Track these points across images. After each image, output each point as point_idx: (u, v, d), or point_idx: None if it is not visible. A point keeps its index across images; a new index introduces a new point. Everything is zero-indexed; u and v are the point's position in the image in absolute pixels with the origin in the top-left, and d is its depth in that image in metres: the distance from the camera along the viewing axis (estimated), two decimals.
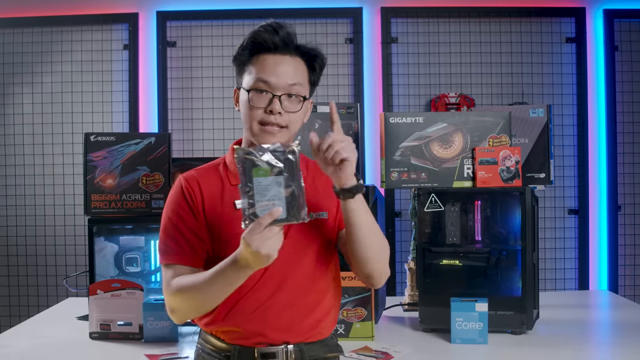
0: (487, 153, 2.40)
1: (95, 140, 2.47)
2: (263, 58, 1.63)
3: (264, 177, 1.38)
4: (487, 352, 2.18)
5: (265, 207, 1.38)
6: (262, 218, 1.37)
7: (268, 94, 1.61)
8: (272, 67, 1.62)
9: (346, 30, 4.20)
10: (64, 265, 4.17)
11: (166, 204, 1.68)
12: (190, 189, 1.64)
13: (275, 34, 1.62)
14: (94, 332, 2.31)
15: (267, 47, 1.62)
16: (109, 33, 4.23)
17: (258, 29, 1.63)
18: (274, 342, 1.62)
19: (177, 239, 1.62)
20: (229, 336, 1.64)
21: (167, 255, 1.63)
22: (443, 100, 4.10)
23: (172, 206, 1.66)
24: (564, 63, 4.21)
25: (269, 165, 1.39)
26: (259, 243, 1.37)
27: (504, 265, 2.40)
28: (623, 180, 4.20)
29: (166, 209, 1.67)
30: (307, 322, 1.65)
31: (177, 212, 1.64)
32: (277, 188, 1.38)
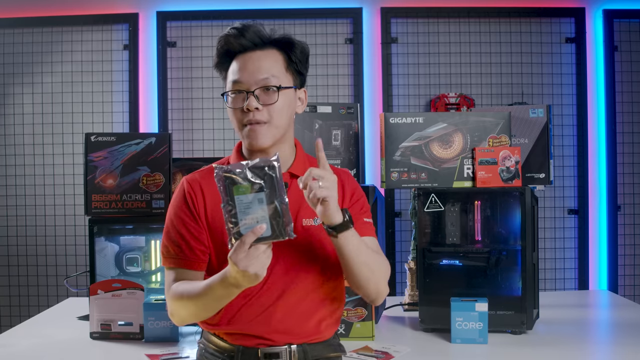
0: (487, 153, 2.40)
1: (96, 140, 2.47)
2: (236, 59, 1.64)
3: (244, 195, 1.36)
4: (487, 352, 2.18)
5: (248, 226, 1.35)
6: (246, 236, 1.35)
7: (242, 93, 1.61)
8: (243, 65, 1.61)
9: (346, 31, 4.21)
10: (64, 265, 4.17)
11: (169, 206, 1.69)
12: (192, 193, 1.64)
13: (242, 37, 1.61)
14: (95, 332, 2.31)
15: (237, 50, 1.62)
16: (109, 33, 4.23)
17: (225, 34, 1.63)
18: (277, 344, 1.63)
19: (179, 243, 1.63)
20: (232, 337, 1.64)
21: (169, 259, 1.65)
22: (443, 101, 4.11)
23: (174, 209, 1.66)
24: (563, 63, 4.22)
25: (249, 182, 1.36)
26: (245, 263, 1.36)
27: (503, 265, 2.41)
28: (623, 180, 4.21)
29: (169, 212, 1.68)
30: (310, 324, 1.66)
31: (178, 216, 1.64)
32: (259, 205, 1.36)
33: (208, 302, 1.54)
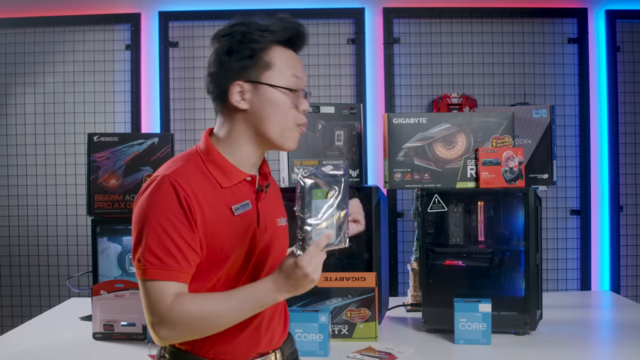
0: (490, 154, 2.40)
1: (99, 140, 2.47)
2: (284, 51, 1.52)
3: (321, 200, 1.33)
4: (490, 353, 2.18)
5: (319, 231, 1.33)
6: (320, 241, 1.32)
7: (301, 92, 1.52)
8: (297, 63, 1.52)
9: (348, 31, 4.20)
10: (66, 265, 4.17)
11: (150, 207, 1.41)
12: (186, 194, 1.42)
13: (304, 37, 1.55)
14: (98, 333, 2.31)
15: (288, 41, 1.53)
16: (111, 33, 4.22)
17: (290, 22, 1.52)
18: (264, 353, 1.56)
19: (172, 252, 1.40)
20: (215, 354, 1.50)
21: (159, 271, 1.40)
22: (445, 101, 4.10)
23: (163, 212, 1.41)
24: (565, 64, 4.21)
25: (329, 187, 1.34)
26: (314, 267, 1.33)
27: (507, 266, 2.41)
28: (625, 180, 4.20)
29: (152, 214, 1.41)
30: (281, 324, 1.64)
31: (170, 220, 1.40)
32: (330, 211, 1.34)
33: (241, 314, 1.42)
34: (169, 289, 1.40)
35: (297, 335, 2.13)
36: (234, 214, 1.48)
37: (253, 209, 1.52)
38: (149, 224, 1.41)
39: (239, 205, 1.50)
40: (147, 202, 1.42)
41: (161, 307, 1.40)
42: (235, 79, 1.49)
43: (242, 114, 1.50)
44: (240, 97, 1.49)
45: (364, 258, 2.49)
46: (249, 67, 1.49)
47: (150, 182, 1.45)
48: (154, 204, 1.41)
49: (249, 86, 1.49)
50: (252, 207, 1.52)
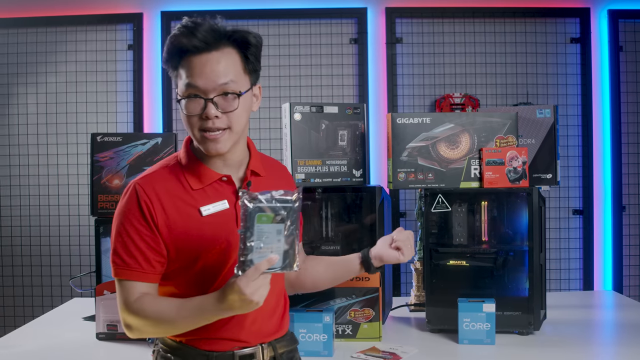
0: (494, 154, 2.40)
1: (102, 140, 2.47)
2: (189, 60, 1.52)
3: (266, 224, 1.34)
4: (494, 353, 2.18)
5: (262, 254, 1.34)
6: (260, 265, 1.34)
7: (200, 99, 1.51)
8: (200, 69, 1.50)
9: (351, 31, 4.20)
10: (69, 265, 4.17)
11: (118, 213, 1.54)
12: (148, 200, 1.50)
13: (193, 36, 1.51)
14: (101, 333, 2.31)
15: (189, 50, 1.51)
16: (114, 33, 4.22)
17: (175, 32, 1.53)
18: (250, 344, 1.59)
19: (133, 254, 1.51)
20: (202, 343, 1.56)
21: (124, 271, 1.51)
22: (448, 101, 4.10)
23: (126, 217, 1.51)
24: (568, 63, 4.21)
25: (274, 212, 1.35)
26: (251, 290, 1.35)
27: (511, 266, 2.40)
28: (628, 180, 4.20)
29: (119, 219, 1.53)
30: (274, 320, 1.65)
31: (132, 224, 1.50)
32: (277, 236, 1.35)
33: (189, 324, 1.48)
34: (135, 288, 1.51)
35: (301, 335, 2.13)
36: (202, 215, 1.53)
37: (231, 209, 1.55)
38: (116, 227, 1.54)
39: (210, 205, 1.54)
40: (118, 207, 1.56)
41: (125, 305, 1.51)
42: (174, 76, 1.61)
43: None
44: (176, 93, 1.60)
45: None
46: (176, 78, 1.60)
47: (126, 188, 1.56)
48: (121, 208, 1.54)
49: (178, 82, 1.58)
50: (229, 206, 1.55)
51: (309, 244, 2.49)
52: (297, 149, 2.47)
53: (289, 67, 4.18)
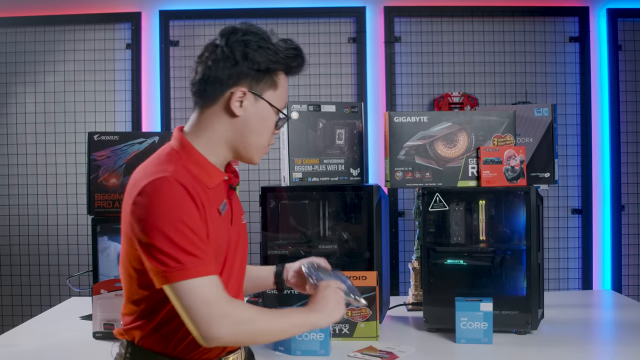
0: (491, 152, 2.39)
1: (99, 139, 2.46)
2: (285, 78, 1.58)
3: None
4: (492, 352, 2.17)
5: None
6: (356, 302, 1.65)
7: (283, 117, 1.61)
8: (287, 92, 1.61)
9: (349, 30, 4.19)
10: (67, 264, 4.17)
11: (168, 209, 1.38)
12: (197, 195, 1.42)
13: (304, 64, 1.58)
14: (98, 332, 2.31)
15: (292, 71, 1.57)
16: (112, 32, 4.22)
17: (298, 54, 1.54)
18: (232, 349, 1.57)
19: (201, 247, 1.40)
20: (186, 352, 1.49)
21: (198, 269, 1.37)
22: (446, 100, 4.10)
23: (184, 212, 1.39)
24: (567, 62, 4.20)
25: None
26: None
27: (508, 265, 2.40)
28: (626, 179, 4.19)
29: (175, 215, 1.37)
30: None
31: (195, 220, 1.40)
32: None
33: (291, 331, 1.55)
34: (217, 282, 1.40)
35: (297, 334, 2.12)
36: (221, 215, 1.51)
37: (228, 208, 1.56)
38: (167, 224, 1.37)
39: (222, 205, 1.52)
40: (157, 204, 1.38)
41: (219, 300, 1.38)
42: (240, 85, 1.50)
43: (231, 119, 1.51)
44: (239, 104, 1.50)
45: (365, 257, 2.49)
46: (258, 79, 1.51)
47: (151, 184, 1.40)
48: (166, 205, 1.38)
49: (250, 96, 1.51)
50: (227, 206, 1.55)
51: (307, 243, 2.49)
52: (294, 147, 2.47)
53: None
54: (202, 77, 1.50)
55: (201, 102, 1.53)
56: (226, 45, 1.49)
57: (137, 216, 1.39)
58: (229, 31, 1.51)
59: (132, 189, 1.44)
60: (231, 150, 1.55)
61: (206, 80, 1.50)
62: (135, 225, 1.39)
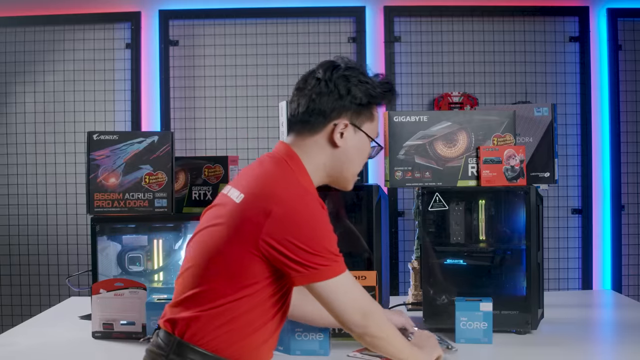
0: (491, 152, 2.39)
1: (98, 139, 2.46)
2: (378, 110, 1.71)
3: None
4: (491, 352, 2.17)
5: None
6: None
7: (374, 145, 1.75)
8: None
9: (349, 29, 4.19)
10: (66, 264, 4.17)
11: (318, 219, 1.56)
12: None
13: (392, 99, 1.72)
14: (97, 332, 2.30)
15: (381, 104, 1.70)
16: (111, 32, 4.22)
17: (391, 88, 1.70)
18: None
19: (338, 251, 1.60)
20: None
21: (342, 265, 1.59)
22: (446, 100, 4.09)
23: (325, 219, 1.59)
24: (567, 62, 4.20)
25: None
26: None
27: (508, 265, 2.40)
28: (627, 179, 4.19)
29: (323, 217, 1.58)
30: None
31: (330, 226, 1.60)
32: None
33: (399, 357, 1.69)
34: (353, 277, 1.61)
35: (297, 334, 2.12)
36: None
37: None
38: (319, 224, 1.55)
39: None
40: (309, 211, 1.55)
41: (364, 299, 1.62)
42: (343, 117, 1.63)
43: (332, 149, 1.65)
44: (340, 135, 1.63)
45: (365, 257, 2.48)
46: (359, 112, 1.65)
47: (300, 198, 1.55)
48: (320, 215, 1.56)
49: (351, 128, 1.64)
50: None
51: None
52: None
53: (287, 65, 4.17)
54: (306, 109, 1.63)
55: (304, 131, 1.65)
56: (329, 79, 1.62)
57: (286, 224, 1.51)
58: (330, 66, 1.64)
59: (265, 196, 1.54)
60: (327, 177, 1.68)
61: (310, 112, 1.63)
62: (283, 232, 1.51)
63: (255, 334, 1.56)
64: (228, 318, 1.53)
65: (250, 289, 1.53)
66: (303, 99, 1.63)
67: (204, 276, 1.56)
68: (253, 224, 1.51)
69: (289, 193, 1.54)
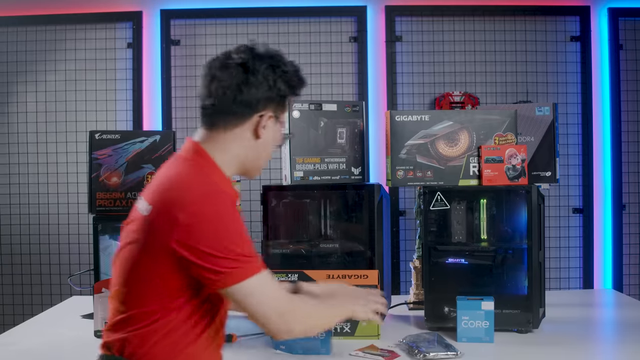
0: (493, 151, 2.39)
1: (100, 138, 2.46)
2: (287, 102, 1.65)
3: None
4: (493, 351, 2.17)
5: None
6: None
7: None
8: None
9: (350, 29, 4.19)
10: (68, 263, 4.17)
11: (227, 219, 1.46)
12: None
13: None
14: (99, 331, 2.30)
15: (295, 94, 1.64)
16: (113, 31, 4.22)
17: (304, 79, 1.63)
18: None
19: (253, 251, 1.51)
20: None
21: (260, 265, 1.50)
22: (447, 99, 4.09)
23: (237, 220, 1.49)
24: (568, 62, 4.20)
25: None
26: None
27: (510, 264, 2.40)
28: (627, 179, 4.19)
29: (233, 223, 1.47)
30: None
31: (242, 225, 1.51)
32: None
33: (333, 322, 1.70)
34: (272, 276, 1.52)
35: None
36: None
37: None
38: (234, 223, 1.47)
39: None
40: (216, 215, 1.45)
41: (284, 299, 1.53)
42: (267, 108, 1.57)
43: (252, 140, 1.58)
44: (259, 126, 1.57)
45: (366, 256, 2.49)
46: (281, 103, 1.60)
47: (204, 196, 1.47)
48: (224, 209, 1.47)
49: (272, 120, 1.59)
50: None
51: (308, 242, 2.49)
52: (295, 146, 2.47)
53: None
54: (228, 98, 1.55)
55: (223, 122, 1.57)
56: (257, 69, 1.54)
57: (195, 227, 1.43)
58: (253, 53, 1.57)
59: (173, 200, 1.46)
60: (240, 168, 1.62)
61: (237, 103, 1.55)
62: (192, 236, 1.43)
63: (196, 342, 1.51)
64: (163, 333, 1.47)
65: (177, 302, 1.47)
66: (222, 89, 1.56)
67: (129, 300, 1.50)
68: (162, 236, 1.45)
69: (194, 195, 1.45)
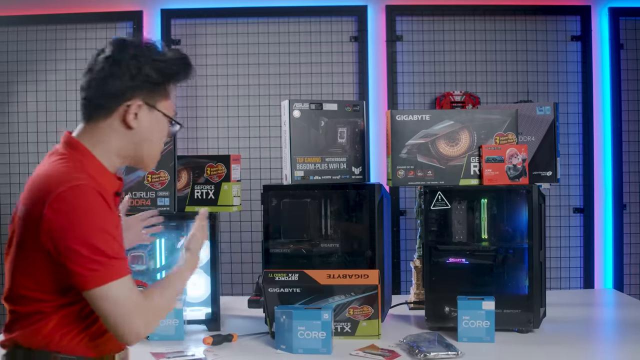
0: (493, 151, 2.39)
1: None
2: (174, 87, 1.60)
3: None
4: (494, 351, 2.17)
5: None
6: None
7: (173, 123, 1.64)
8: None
9: (351, 29, 4.19)
10: None
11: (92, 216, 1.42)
12: (107, 201, 1.48)
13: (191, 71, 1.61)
14: None
15: (180, 80, 1.60)
16: (113, 31, 4.21)
17: (188, 64, 1.59)
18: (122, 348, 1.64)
19: (121, 251, 1.47)
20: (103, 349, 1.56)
21: (126, 269, 1.46)
22: (448, 99, 4.09)
23: (105, 216, 1.44)
24: (569, 61, 4.20)
25: None
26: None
27: (510, 264, 2.40)
28: (628, 179, 4.19)
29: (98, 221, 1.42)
30: None
31: (114, 224, 1.47)
32: None
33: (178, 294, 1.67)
34: (131, 281, 1.48)
35: (299, 332, 2.12)
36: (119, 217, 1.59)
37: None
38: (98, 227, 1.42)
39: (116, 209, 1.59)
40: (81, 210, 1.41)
41: (136, 303, 1.47)
42: (134, 97, 1.53)
43: (127, 131, 1.55)
44: (134, 116, 1.53)
45: (367, 256, 2.48)
46: (153, 91, 1.55)
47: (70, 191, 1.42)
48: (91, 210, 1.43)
49: (145, 108, 1.54)
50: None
51: (308, 241, 2.49)
52: (296, 146, 2.47)
53: (289, 64, 4.17)
54: (101, 92, 1.54)
55: (93, 113, 1.57)
56: (120, 60, 1.51)
57: (58, 223, 1.40)
58: (119, 45, 1.55)
59: (41, 196, 1.45)
60: (124, 160, 1.59)
61: (104, 95, 1.53)
62: (55, 232, 1.40)
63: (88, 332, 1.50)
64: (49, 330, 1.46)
65: (59, 300, 1.45)
66: (94, 82, 1.55)
67: (15, 300, 1.48)
68: (33, 234, 1.43)
69: (59, 191, 1.41)
